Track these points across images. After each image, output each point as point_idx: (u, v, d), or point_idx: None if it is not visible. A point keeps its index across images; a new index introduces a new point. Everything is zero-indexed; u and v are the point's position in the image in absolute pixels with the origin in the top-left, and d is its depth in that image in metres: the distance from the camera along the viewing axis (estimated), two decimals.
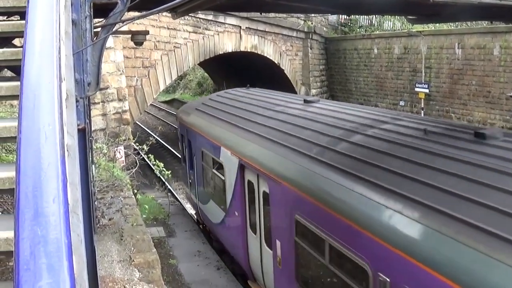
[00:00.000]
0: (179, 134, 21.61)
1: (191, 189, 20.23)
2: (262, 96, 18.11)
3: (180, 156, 23.23)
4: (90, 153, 7.57)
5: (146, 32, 13.39)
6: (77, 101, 5.36)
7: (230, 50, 31.43)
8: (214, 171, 16.59)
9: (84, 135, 6.08)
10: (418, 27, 33.75)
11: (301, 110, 14.33)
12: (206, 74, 54.32)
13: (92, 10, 6.57)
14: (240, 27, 31.86)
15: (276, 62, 36.40)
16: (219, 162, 15.88)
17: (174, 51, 26.12)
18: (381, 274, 7.64)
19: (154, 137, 28.21)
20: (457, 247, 6.36)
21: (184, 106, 23.54)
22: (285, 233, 11.32)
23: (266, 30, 34.71)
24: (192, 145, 19.25)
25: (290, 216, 10.79)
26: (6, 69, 8.82)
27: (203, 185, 18.45)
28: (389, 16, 42.13)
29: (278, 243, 11.89)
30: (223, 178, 15.58)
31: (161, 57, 25.00)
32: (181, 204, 24.98)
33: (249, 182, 13.69)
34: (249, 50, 33.37)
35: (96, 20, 7.71)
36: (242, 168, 13.92)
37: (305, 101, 15.61)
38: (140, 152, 16.39)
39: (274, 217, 12.06)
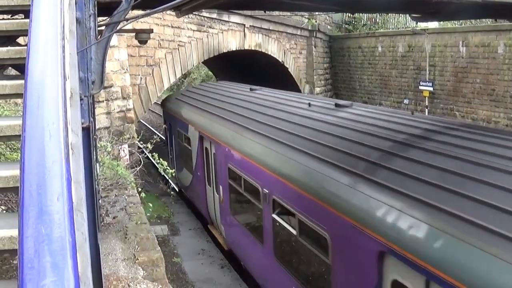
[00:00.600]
0: (163, 119, 27.56)
1: (171, 163, 24.31)
2: (223, 87, 23.69)
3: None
4: (94, 152, 7.58)
5: (150, 31, 13.40)
6: (81, 99, 5.37)
7: (234, 49, 31.38)
8: (185, 144, 21.73)
9: (88, 133, 6.09)
10: (422, 25, 33.72)
11: (246, 96, 19.58)
12: (210, 72, 54.34)
13: (96, 8, 6.58)
14: (244, 25, 31.81)
15: (280, 61, 36.34)
16: (188, 137, 21.10)
17: (178, 49, 26.10)
18: (264, 189, 12.95)
19: (158, 135, 28.28)
20: (303, 168, 11.27)
21: (166, 96, 29.89)
22: (224, 179, 16.53)
23: (270, 28, 34.64)
24: (171, 127, 24.67)
25: (226, 166, 16.02)
26: (10, 67, 8.83)
27: (179, 157, 23.78)
28: (393, 14, 42.08)
29: (220, 187, 17.02)
30: (190, 148, 20.77)
31: (165, 55, 24.99)
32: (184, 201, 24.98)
33: (206, 149, 18.63)
34: (253, 49, 33.30)
35: (100, 18, 7.72)
36: (201, 139, 19.01)
37: (251, 89, 20.81)
38: (144, 151, 16.40)
39: (218, 170, 17.18)
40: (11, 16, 9.12)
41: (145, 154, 15.93)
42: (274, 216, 12.49)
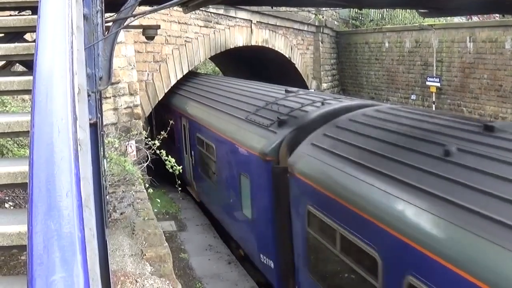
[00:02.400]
0: None
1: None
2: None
3: None
4: (101, 148, 7.58)
5: (157, 27, 13.38)
6: (88, 95, 5.37)
7: (241, 44, 31.34)
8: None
9: (95, 129, 6.08)
10: (429, 21, 33.65)
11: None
12: (217, 68, 54.28)
13: (103, 4, 6.56)
14: (251, 21, 31.77)
15: (287, 56, 36.31)
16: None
17: (185, 45, 26.09)
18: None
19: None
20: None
21: None
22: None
23: (277, 24, 34.61)
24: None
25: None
26: (18, 64, 8.85)
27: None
28: (401, 10, 42.00)
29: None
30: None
31: (172, 51, 24.99)
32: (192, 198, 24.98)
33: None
34: (260, 44, 33.27)
35: (107, 14, 7.72)
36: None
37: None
38: (152, 147, 16.40)
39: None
40: (18, 13, 9.14)
41: (153, 150, 15.84)
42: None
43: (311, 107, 14.62)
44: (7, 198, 9.25)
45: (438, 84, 33.89)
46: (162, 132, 16.16)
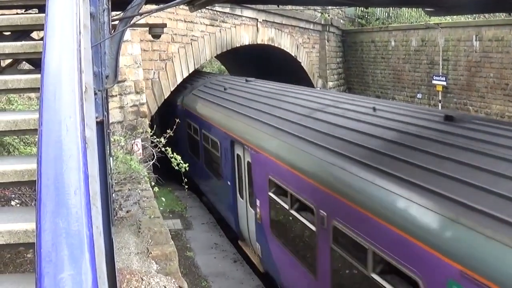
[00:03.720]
0: None
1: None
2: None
3: None
4: (108, 146, 7.59)
5: (164, 25, 13.37)
6: (95, 93, 5.37)
7: (247, 43, 31.32)
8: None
9: (102, 127, 6.08)
10: (435, 19, 33.58)
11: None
12: (223, 66, 54.28)
13: (110, 3, 6.57)
14: (257, 19, 31.74)
15: (293, 55, 36.27)
16: None
17: (191, 44, 26.11)
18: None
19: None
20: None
21: None
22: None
23: (283, 22, 34.58)
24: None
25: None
26: (24, 62, 8.86)
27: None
28: (407, 8, 41.91)
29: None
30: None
31: (178, 50, 25.01)
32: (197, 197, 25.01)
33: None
34: (266, 43, 33.23)
35: (114, 13, 7.73)
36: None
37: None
38: (158, 145, 16.39)
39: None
40: (25, 11, 9.15)
41: (159, 148, 15.80)
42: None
43: (202, 80, 26.96)
44: (13, 196, 9.27)
45: (444, 83, 33.80)
46: (168, 130, 16.13)
